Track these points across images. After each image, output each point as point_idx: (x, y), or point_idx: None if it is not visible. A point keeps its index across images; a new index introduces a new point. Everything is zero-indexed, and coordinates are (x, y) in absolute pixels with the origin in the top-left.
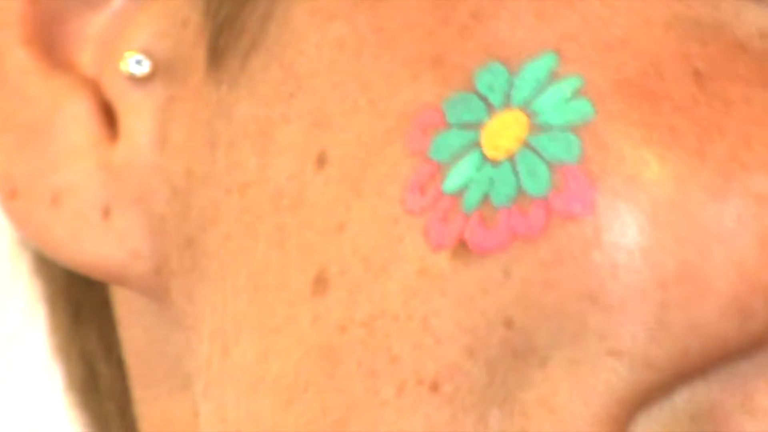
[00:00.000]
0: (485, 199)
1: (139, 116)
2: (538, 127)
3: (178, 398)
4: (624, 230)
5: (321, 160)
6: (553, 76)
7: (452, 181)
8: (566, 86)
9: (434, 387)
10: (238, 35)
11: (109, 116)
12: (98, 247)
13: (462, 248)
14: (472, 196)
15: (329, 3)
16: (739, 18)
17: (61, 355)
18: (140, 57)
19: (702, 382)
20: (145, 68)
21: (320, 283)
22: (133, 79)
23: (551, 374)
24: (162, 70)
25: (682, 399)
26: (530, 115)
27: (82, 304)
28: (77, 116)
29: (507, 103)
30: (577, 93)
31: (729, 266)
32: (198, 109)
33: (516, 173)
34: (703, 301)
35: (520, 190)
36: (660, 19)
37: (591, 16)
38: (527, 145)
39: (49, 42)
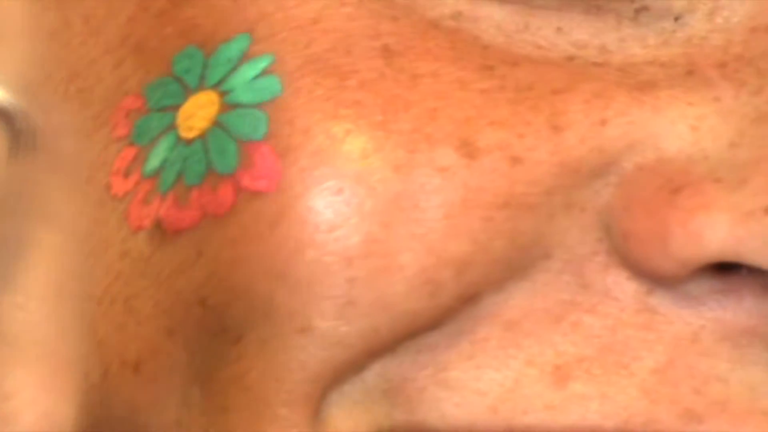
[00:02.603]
0: (179, 178)
1: None
2: (228, 106)
3: None
4: (309, 206)
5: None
6: (245, 57)
7: (150, 164)
8: (256, 65)
9: (136, 368)
10: None
11: None
12: None
13: (158, 229)
14: (167, 177)
15: None
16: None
17: None
18: None
19: (391, 357)
20: None
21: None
22: None
23: (245, 353)
24: None
25: (373, 375)
26: (222, 94)
27: None
28: None
29: (201, 84)
30: (266, 71)
31: (413, 239)
32: None
33: (206, 151)
34: (389, 276)
35: (210, 169)
36: None
37: None
38: (218, 124)
39: None
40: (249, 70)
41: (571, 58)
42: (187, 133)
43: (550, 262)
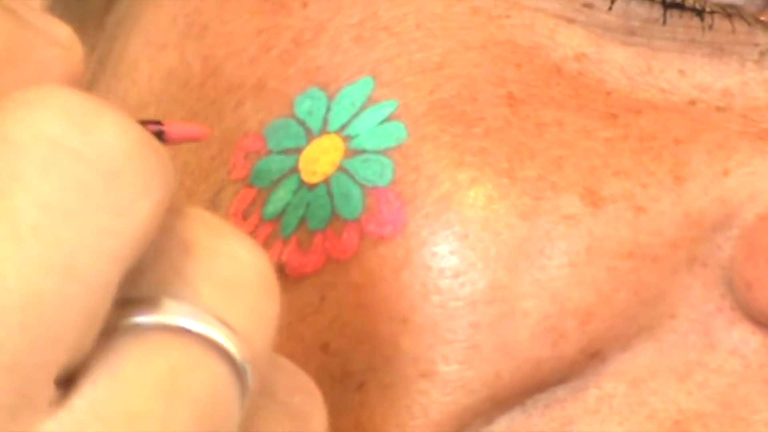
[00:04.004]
0: (302, 223)
1: None
2: (353, 151)
3: None
4: (434, 251)
5: None
6: (369, 101)
7: (271, 207)
8: (381, 110)
9: None
10: None
11: None
12: None
13: (280, 273)
14: (290, 221)
15: (161, 34)
16: (554, 40)
17: None
18: None
19: (520, 410)
20: None
21: None
22: None
23: (366, 399)
24: None
25: (501, 428)
26: (346, 139)
27: None
28: None
29: (325, 128)
30: (392, 116)
31: (538, 286)
32: None
33: (330, 196)
34: (513, 321)
35: (334, 213)
36: (476, 42)
37: (407, 39)
38: (342, 169)
39: None
40: (374, 115)
41: (693, 102)
42: (310, 178)
43: (676, 322)
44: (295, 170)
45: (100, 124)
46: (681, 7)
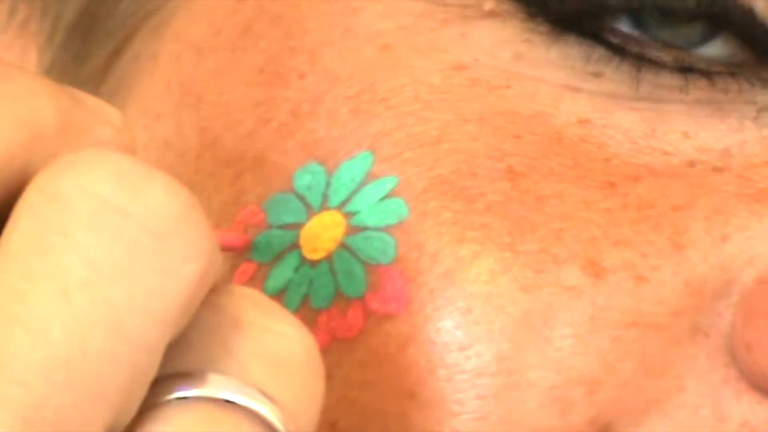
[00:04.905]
0: (305, 301)
1: None
2: (354, 228)
3: None
4: (438, 326)
5: None
6: (368, 176)
7: (273, 282)
8: (381, 186)
9: None
10: None
11: None
12: None
13: None
14: (293, 298)
15: (156, 102)
16: (557, 108)
17: None
18: None
19: None
20: None
21: None
22: None
23: None
24: None
25: None
26: (347, 215)
27: None
28: None
29: (325, 203)
30: (392, 193)
31: (543, 357)
32: None
33: (333, 274)
34: (519, 392)
35: (338, 291)
36: (474, 115)
37: (404, 112)
38: (344, 246)
39: None
40: (374, 192)
41: (692, 164)
42: (311, 254)
43: (685, 396)
44: (296, 246)
45: (150, 185)
46: (690, 70)
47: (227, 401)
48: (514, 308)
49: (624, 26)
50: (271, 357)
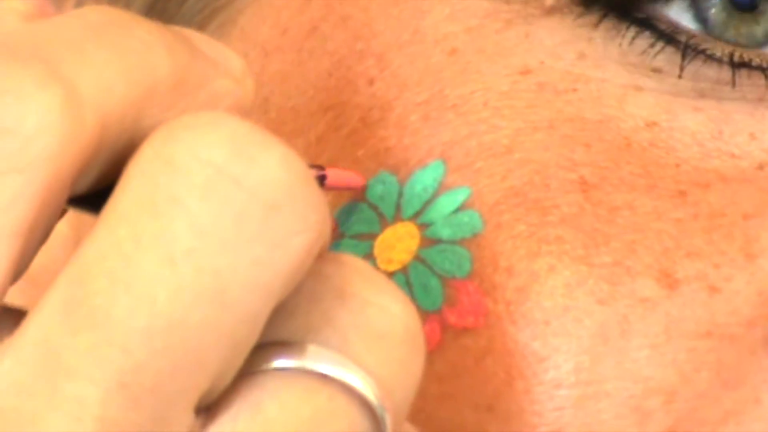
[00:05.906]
0: None
1: None
2: (429, 240)
3: None
4: (516, 339)
5: None
6: (441, 186)
7: None
8: (454, 198)
9: None
10: None
11: None
12: None
13: None
14: None
15: None
16: (623, 110)
17: None
18: None
19: None
20: None
21: None
22: None
23: None
24: None
25: None
26: (421, 227)
27: None
28: None
29: (398, 214)
30: (465, 204)
31: (620, 368)
32: None
33: (410, 286)
34: (597, 403)
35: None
36: (544, 122)
37: (475, 119)
38: (419, 259)
39: None
40: (447, 204)
41: (761, 167)
42: (386, 266)
43: (762, 409)
44: (370, 256)
45: (266, 155)
46: (748, 66)
47: (325, 375)
48: (590, 320)
49: (684, 20)
50: (371, 331)
